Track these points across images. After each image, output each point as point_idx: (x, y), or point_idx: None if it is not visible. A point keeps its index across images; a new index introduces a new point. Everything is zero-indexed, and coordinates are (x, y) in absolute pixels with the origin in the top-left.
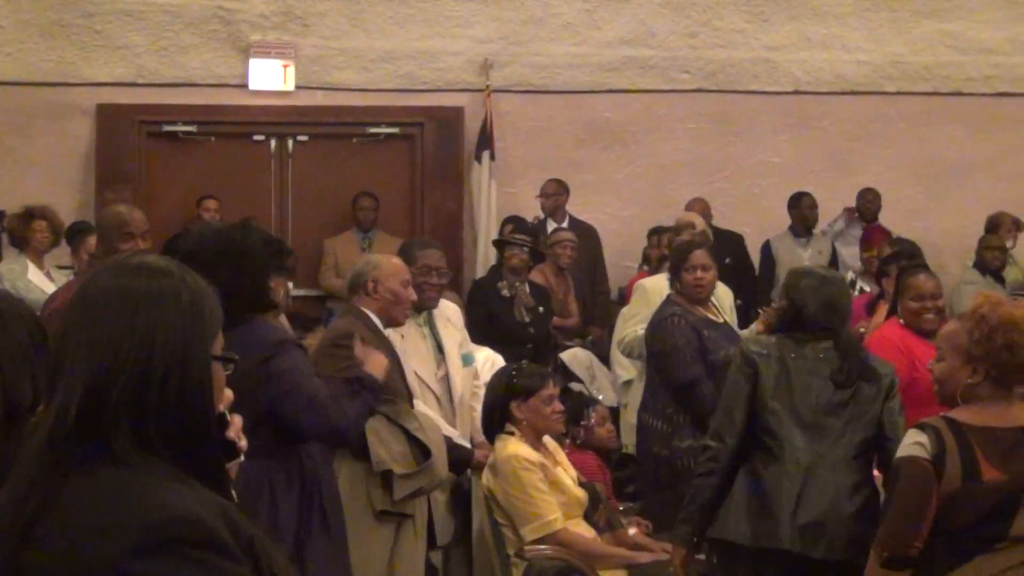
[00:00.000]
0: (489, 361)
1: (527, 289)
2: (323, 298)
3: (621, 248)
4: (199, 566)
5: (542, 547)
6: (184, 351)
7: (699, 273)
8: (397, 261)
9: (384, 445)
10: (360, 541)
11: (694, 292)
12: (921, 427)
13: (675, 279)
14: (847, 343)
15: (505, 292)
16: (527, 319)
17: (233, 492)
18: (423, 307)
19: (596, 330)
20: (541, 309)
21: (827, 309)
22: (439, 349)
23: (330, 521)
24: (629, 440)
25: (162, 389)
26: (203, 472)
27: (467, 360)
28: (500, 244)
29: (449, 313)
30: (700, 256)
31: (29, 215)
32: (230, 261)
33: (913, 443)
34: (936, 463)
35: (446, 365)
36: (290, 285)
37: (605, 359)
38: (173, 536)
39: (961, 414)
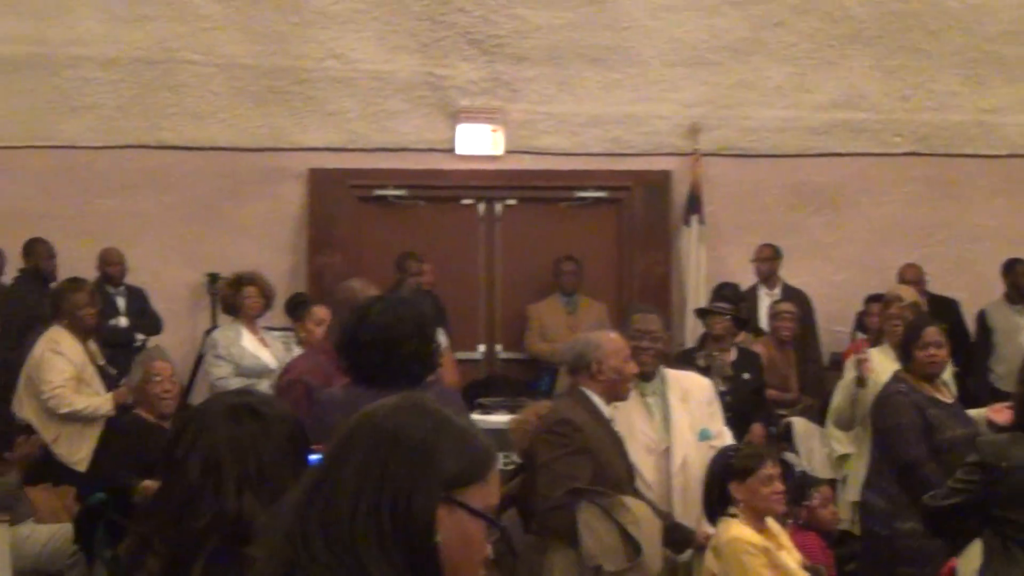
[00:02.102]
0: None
1: (727, 358)
2: (528, 362)
3: (833, 314)
4: None
5: None
6: (411, 485)
7: (932, 351)
8: (616, 337)
9: (596, 538)
10: None
11: (927, 369)
12: None
13: (906, 356)
14: None
15: (701, 362)
16: (723, 388)
17: None
18: (642, 374)
19: (808, 399)
20: (746, 376)
21: None
22: (666, 421)
23: None
24: (846, 516)
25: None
26: None
27: (703, 435)
28: (702, 313)
29: (689, 386)
30: (933, 333)
31: (239, 281)
32: (424, 331)
33: None
34: None
35: (669, 437)
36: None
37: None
38: None
39: None
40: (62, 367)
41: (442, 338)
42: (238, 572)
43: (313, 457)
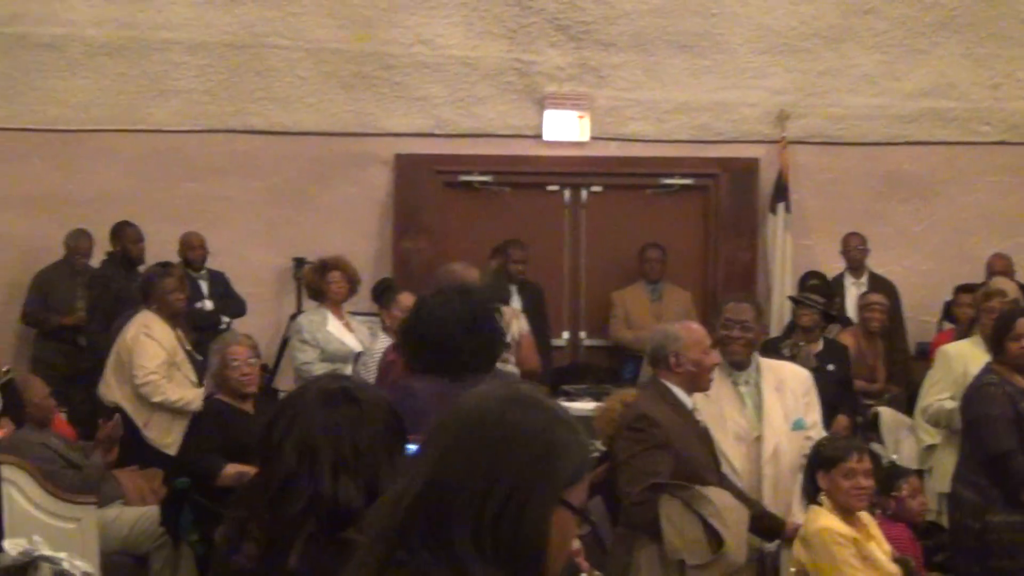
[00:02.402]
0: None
1: (813, 349)
2: (612, 349)
3: (920, 302)
4: None
5: None
6: (529, 488)
7: None
8: (696, 327)
9: (678, 532)
10: None
11: (1019, 361)
12: None
13: (998, 347)
14: None
15: (786, 352)
16: None
17: None
18: (731, 362)
19: (894, 387)
20: (831, 367)
21: None
22: (758, 409)
23: None
24: (932, 507)
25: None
26: None
27: (797, 425)
28: (794, 301)
29: (785, 376)
30: None
31: (324, 266)
32: (479, 324)
33: None
34: None
35: (761, 426)
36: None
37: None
38: None
39: None
40: (154, 351)
41: (522, 324)
42: (336, 556)
43: (410, 447)
